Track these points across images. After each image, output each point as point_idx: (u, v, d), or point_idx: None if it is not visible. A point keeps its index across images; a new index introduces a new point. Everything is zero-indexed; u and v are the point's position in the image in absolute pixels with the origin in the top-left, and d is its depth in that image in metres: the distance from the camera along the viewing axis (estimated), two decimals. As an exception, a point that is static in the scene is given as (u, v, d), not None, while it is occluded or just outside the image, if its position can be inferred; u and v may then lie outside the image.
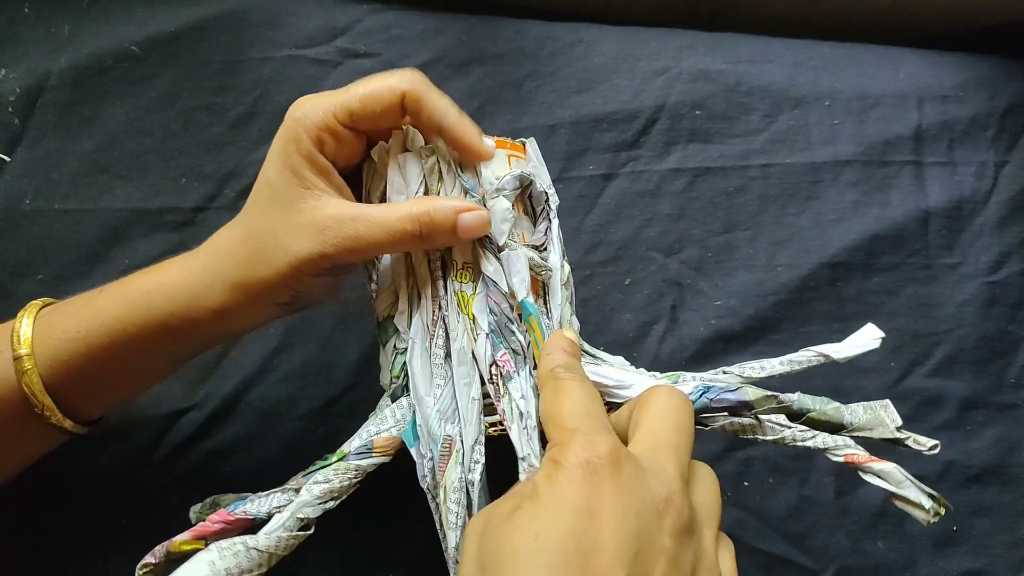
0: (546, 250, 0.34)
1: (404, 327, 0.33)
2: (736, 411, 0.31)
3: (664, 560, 0.21)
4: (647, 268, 0.46)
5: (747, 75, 0.49)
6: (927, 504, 0.29)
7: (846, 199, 0.48)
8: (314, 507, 0.30)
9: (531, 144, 0.36)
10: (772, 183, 0.48)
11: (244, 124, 0.45)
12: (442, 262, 0.33)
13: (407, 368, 0.32)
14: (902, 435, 0.30)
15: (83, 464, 0.40)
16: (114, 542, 0.39)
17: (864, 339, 0.32)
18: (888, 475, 0.30)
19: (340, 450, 0.32)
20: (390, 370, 0.33)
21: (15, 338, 0.31)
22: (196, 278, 0.31)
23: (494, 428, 0.31)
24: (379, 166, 0.33)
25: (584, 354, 0.34)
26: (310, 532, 0.30)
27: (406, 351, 0.32)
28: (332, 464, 0.31)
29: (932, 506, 0.29)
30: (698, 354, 0.45)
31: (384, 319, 0.33)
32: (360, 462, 0.31)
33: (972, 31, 0.53)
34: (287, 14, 0.47)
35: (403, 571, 0.40)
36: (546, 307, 0.33)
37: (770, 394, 0.31)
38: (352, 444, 0.32)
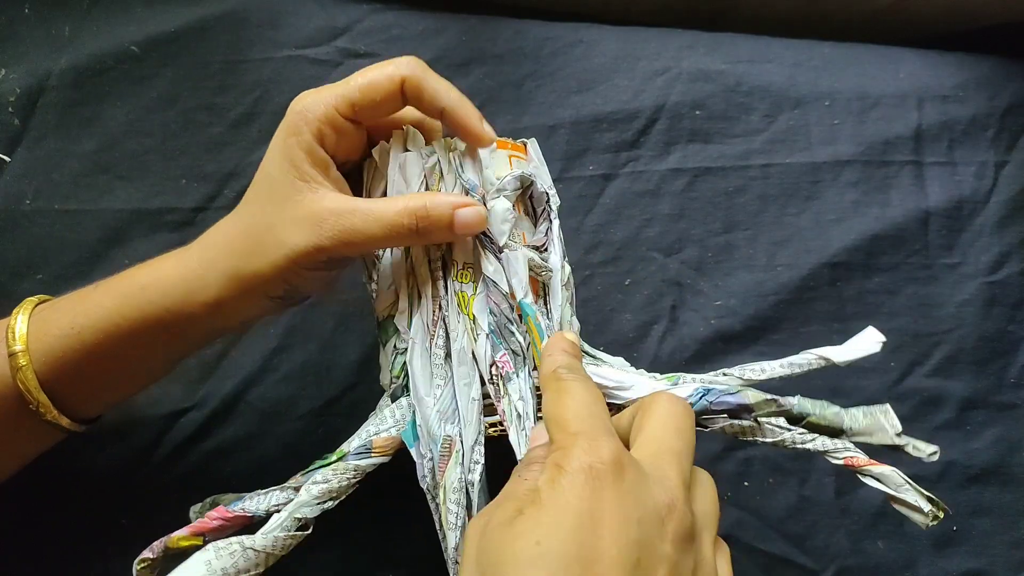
0: (547, 251, 0.34)
1: (404, 327, 0.33)
2: (736, 414, 0.31)
3: (665, 568, 0.21)
4: (647, 268, 0.46)
5: (747, 75, 0.49)
6: (925, 507, 0.29)
7: (846, 199, 0.48)
8: (312, 507, 0.30)
9: (532, 145, 0.36)
10: (772, 183, 0.48)
11: (244, 124, 0.45)
12: (443, 262, 0.33)
13: (407, 368, 0.32)
14: (902, 441, 0.30)
15: (83, 464, 0.40)
16: (114, 542, 0.39)
17: (865, 342, 0.32)
18: (887, 479, 0.30)
19: (339, 450, 0.32)
20: (390, 370, 0.33)
21: (10, 335, 0.31)
22: (191, 272, 0.31)
23: (494, 428, 0.31)
24: (380, 165, 0.33)
25: (584, 355, 0.34)
26: (308, 532, 0.30)
27: (406, 351, 0.32)
28: (331, 464, 0.31)
29: (930, 509, 0.29)
30: (698, 354, 0.45)
31: (384, 319, 0.33)
32: (359, 462, 0.31)
33: (972, 31, 0.53)
34: (287, 14, 0.47)
35: (403, 571, 0.40)
36: (546, 308, 0.33)
37: (770, 398, 0.31)
38: (351, 444, 0.32)
